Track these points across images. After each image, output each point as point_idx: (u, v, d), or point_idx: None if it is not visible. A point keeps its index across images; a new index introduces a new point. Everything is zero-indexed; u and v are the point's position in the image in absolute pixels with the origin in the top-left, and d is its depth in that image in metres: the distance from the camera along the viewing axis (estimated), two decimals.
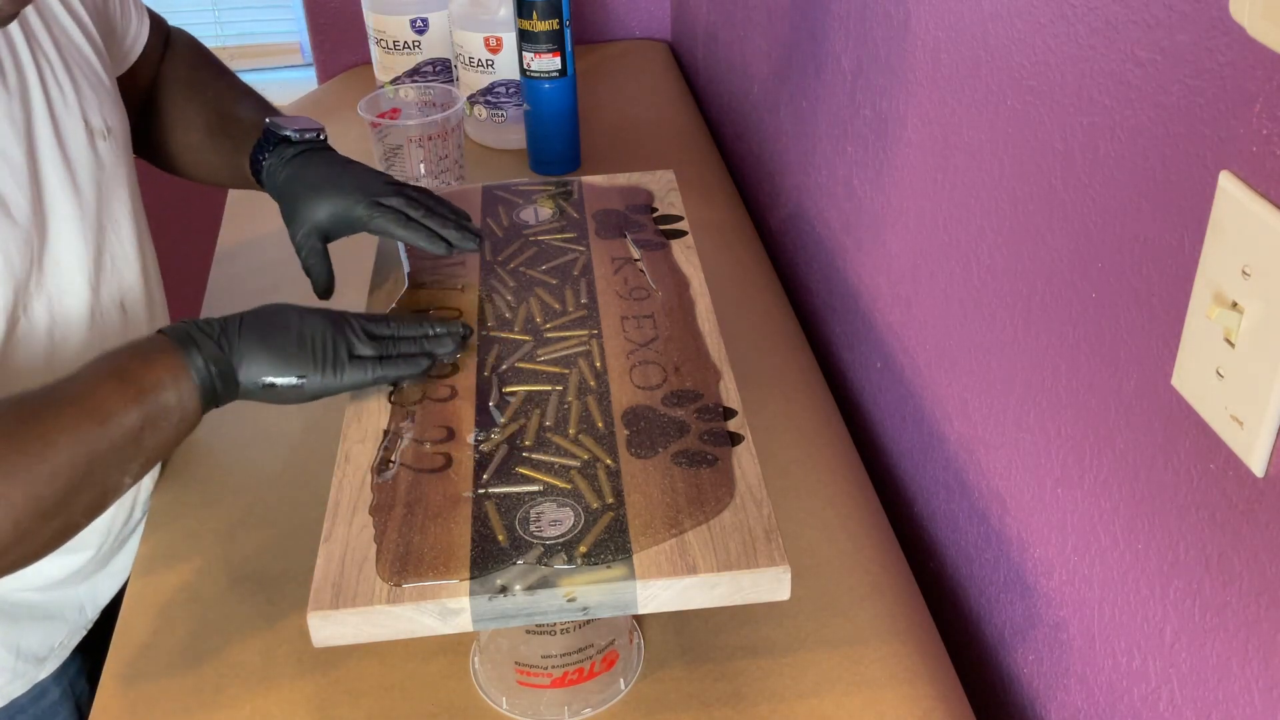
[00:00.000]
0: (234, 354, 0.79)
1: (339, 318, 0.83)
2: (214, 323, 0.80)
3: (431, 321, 0.86)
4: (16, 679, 0.97)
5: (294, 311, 0.83)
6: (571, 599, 0.67)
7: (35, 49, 0.89)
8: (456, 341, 0.85)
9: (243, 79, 1.14)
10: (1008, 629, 0.87)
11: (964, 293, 0.87)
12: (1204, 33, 0.55)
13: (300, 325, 0.81)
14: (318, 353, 0.80)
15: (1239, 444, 0.55)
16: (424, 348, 0.84)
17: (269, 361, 0.79)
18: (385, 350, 0.82)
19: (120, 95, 1.00)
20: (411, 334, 0.84)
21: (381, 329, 0.84)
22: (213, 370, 0.78)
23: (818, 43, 1.16)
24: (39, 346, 0.89)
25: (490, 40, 1.48)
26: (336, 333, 0.81)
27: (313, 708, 0.82)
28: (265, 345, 0.80)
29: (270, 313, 0.82)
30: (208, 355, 0.78)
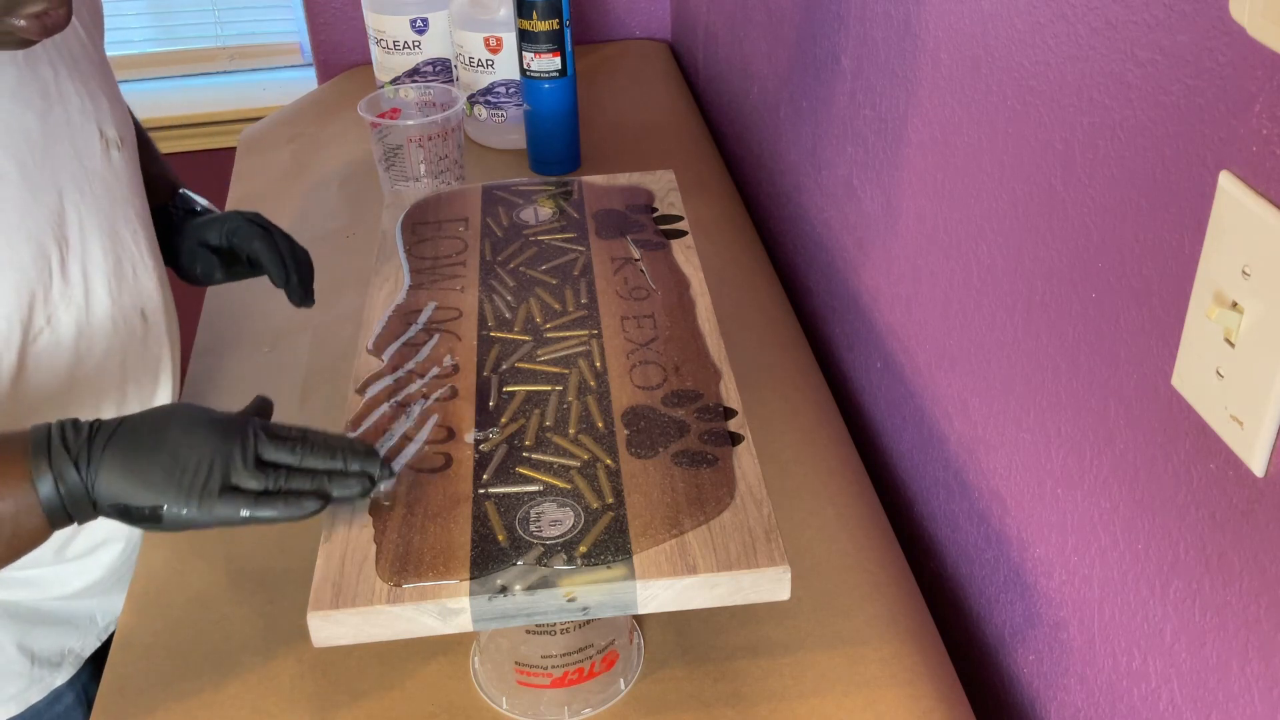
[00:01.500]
0: (91, 470, 0.69)
1: (234, 435, 0.71)
2: (85, 428, 0.70)
3: (352, 452, 0.73)
4: (33, 685, 0.98)
5: (183, 423, 0.71)
6: (571, 599, 0.67)
7: (53, 57, 0.89)
8: (364, 485, 0.72)
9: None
10: (1008, 629, 0.87)
11: (964, 293, 0.87)
12: (1204, 33, 0.55)
13: (179, 443, 0.70)
14: (185, 480, 0.69)
15: (1239, 444, 0.55)
16: (321, 486, 0.71)
17: (127, 483, 0.69)
18: (271, 483, 0.70)
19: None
20: (316, 466, 0.72)
21: (282, 454, 0.71)
22: (61, 490, 0.68)
23: (818, 43, 1.16)
24: (64, 357, 0.90)
25: (490, 40, 1.48)
26: (218, 456, 0.70)
27: (313, 708, 0.82)
28: (128, 465, 0.69)
29: (155, 421, 0.72)
30: (59, 470, 0.68)
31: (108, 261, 0.92)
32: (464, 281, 0.95)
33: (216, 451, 0.70)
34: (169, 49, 2.32)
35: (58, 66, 0.89)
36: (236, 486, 0.69)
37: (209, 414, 0.73)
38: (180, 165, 2.24)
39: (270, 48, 2.34)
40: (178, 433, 0.70)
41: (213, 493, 0.69)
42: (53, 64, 0.88)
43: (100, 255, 0.91)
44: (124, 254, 0.94)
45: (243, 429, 0.71)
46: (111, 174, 0.93)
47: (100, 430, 0.70)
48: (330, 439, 0.73)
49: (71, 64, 0.91)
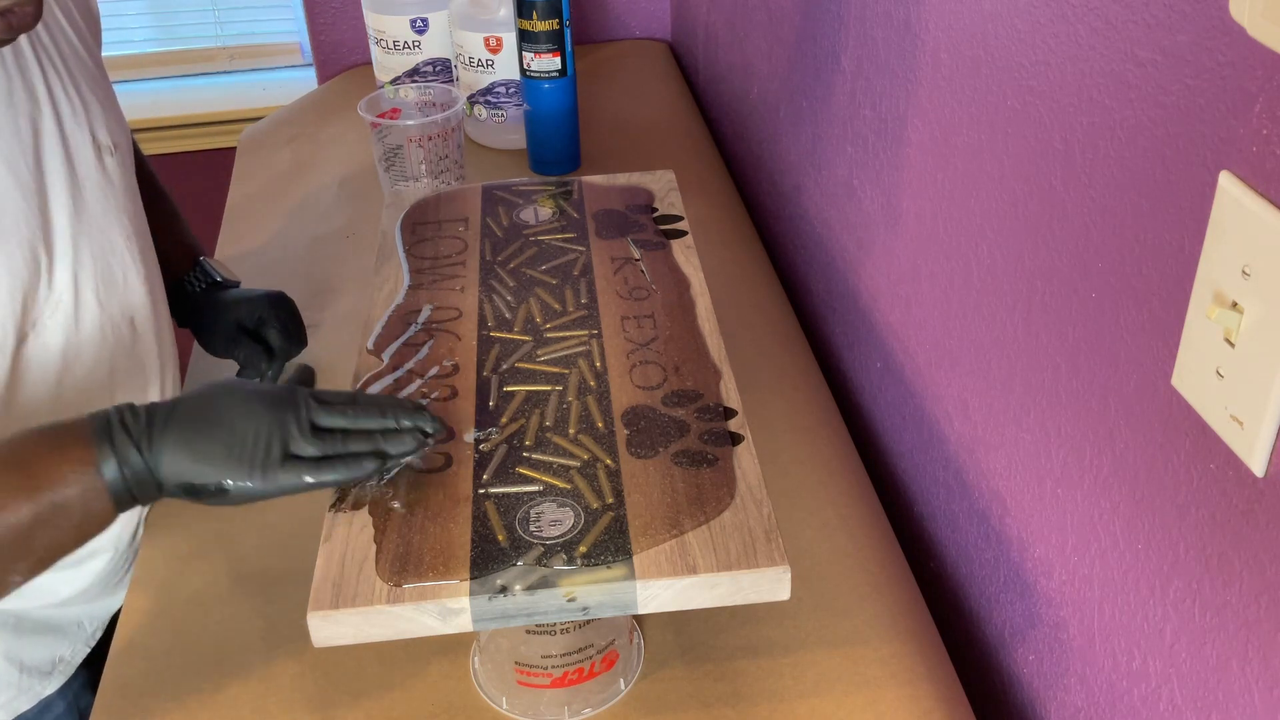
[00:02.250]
0: (154, 453, 0.70)
1: (286, 405, 0.73)
2: (143, 413, 0.71)
3: (401, 409, 0.75)
4: (22, 694, 0.97)
5: (235, 399, 0.73)
6: (571, 599, 0.67)
7: (44, 62, 0.88)
8: (418, 441, 0.74)
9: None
10: (1008, 629, 0.87)
11: (964, 293, 0.87)
12: (1204, 33, 0.55)
13: (235, 418, 0.71)
14: (246, 454, 0.70)
15: (1239, 444, 0.55)
16: (377, 445, 0.73)
17: (190, 463, 0.70)
18: (330, 448, 0.72)
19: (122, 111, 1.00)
20: (367, 426, 0.74)
21: (334, 418, 0.73)
22: (126, 473, 0.69)
23: (818, 43, 1.16)
24: (51, 364, 0.89)
25: (490, 40, 1.48)
26: (275, 428, 0.71)
27: (313, 708, 0.82)
28: (189, 444, 0.70)
29: (208, 400, 0.73)
30: (122, 455, 0.69)
31: (97, 268, 0.91)
32: (464, 281, 0.95)
33: (273, 423, 0.71)
34: (169, 49, 2.33)
35: (49, 72, 0.88)
36: (296, 455, 0.71)
37: (258, 387, 0.75)
38: (180, 165, 2.25)
39: (270, 48, 2.34)
40: (232, 408, 0.72)
41: (274, 463, 0.70)
42: (44, 69, 0.88)
43: (90, 262, 0.90)
44: (115, 261, 0.93)
45: (294, 398, 0.73)
46: (105, 180, 0.92)
47: (158, 412, 0.71)
48: (379, 400, 0.76)
49: (64, 69, 0.90)
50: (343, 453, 0.72)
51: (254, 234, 1.41)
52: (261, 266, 1.34)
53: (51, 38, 0.90)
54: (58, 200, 0.88)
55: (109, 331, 0.93)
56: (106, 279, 0.92)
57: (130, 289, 0.95)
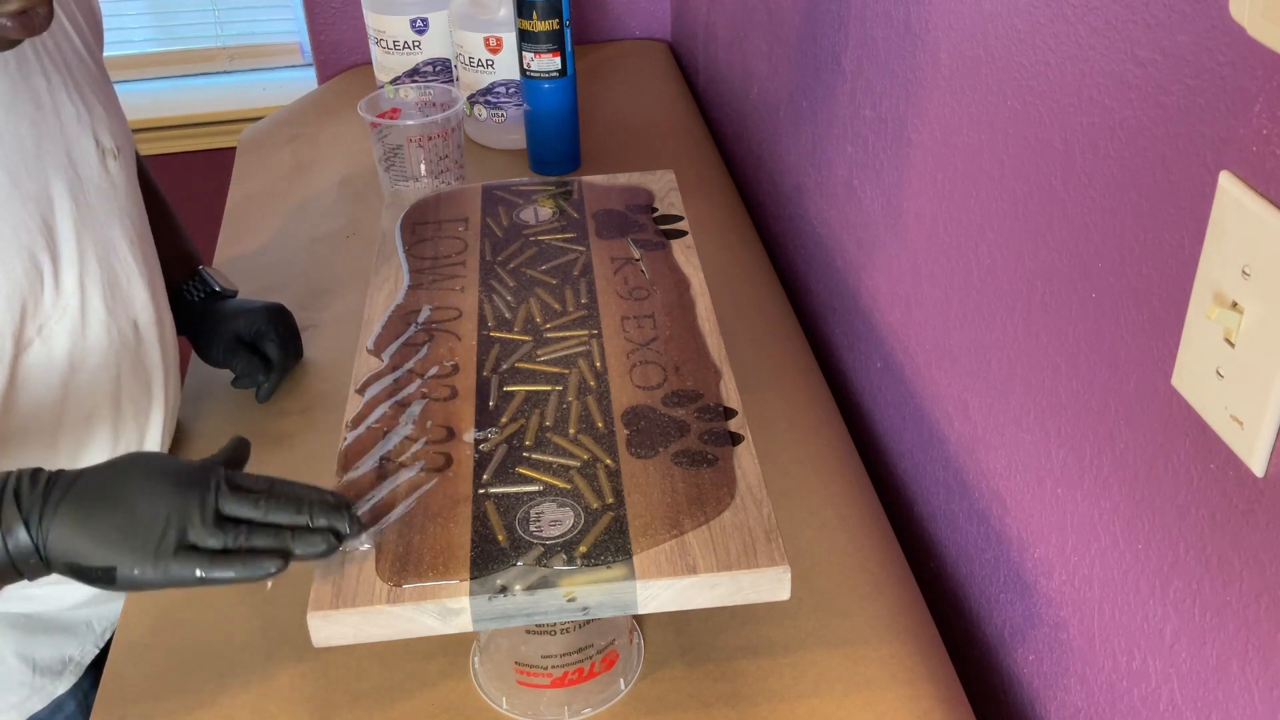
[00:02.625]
0: (44, 528, 0.66)
1: (193, 488, 0.68)
2: (42, 481, 0.67)
3: (319, 506, 0.70)
4: (35, 694, 0.98)
5: (142, 477, 0.68)
6: (571, 599, 0.67)
7: (47, 65, 0.88)
8: (329, 543, 0.68)
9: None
10: (1008, 629, 0.87)
11: (964, 293, 0.87)
12: (1204, 33, 0.55)
13: (136, 498, 0.67)
14: (140, 539, 0.66)
15: (1239, 444, 0.55)
16: (284, 543, 0.68)
17: (80, 541, 0.66)
18: (231, 540, 0.67)
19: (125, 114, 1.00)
20: (280, 520, 0.69)
21: (244, 508, 0.68)
22: (9, 547, 0.65)
23: (818, 43, 1.16)
24: (57, 369, 0.89)
25: (490, 40, 1.48)
26: (175, 512, 0.67)
27: (313, 708, 0.82)
28: (81, 522, 0.66)
29: (113, 475, 0.69)
30: (8, 527, 0.65)
31: (102, 272, 0.91)
32: (464, 281, 0.95)
33: (174, 507, 0.67)
34: (169, 49, 2.33)
35: (51, 75, 0.88)
36: (194, 545, 0.66)
37: (171, 464, 0.70)
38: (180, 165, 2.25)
39: (270, 48, 2.34)
40: (136, 486, 0.67)
41: (167, 552, 0.65)
42: (46, 73, 0.88)
43: (95, 266, 0.90)
44: (119, 265, 0.93)
45: (204, 481, 0.68)
46: (108, 183, 0.92)
47: (58, 483, 0.67)
48: (299, 491, 0.70)
49: (66, 73, 0.90)
50: (245, 546, 0.67)
51: (254, 234, 1.41)
52: (261, 266, 1.34)
53: (54, 41, 0.90)
54: (61, 206, 0.87)
55: (114, 336, 0.93)
56: (111, 283, 0.92)
57: (134, 293, 0.95)
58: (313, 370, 1.15)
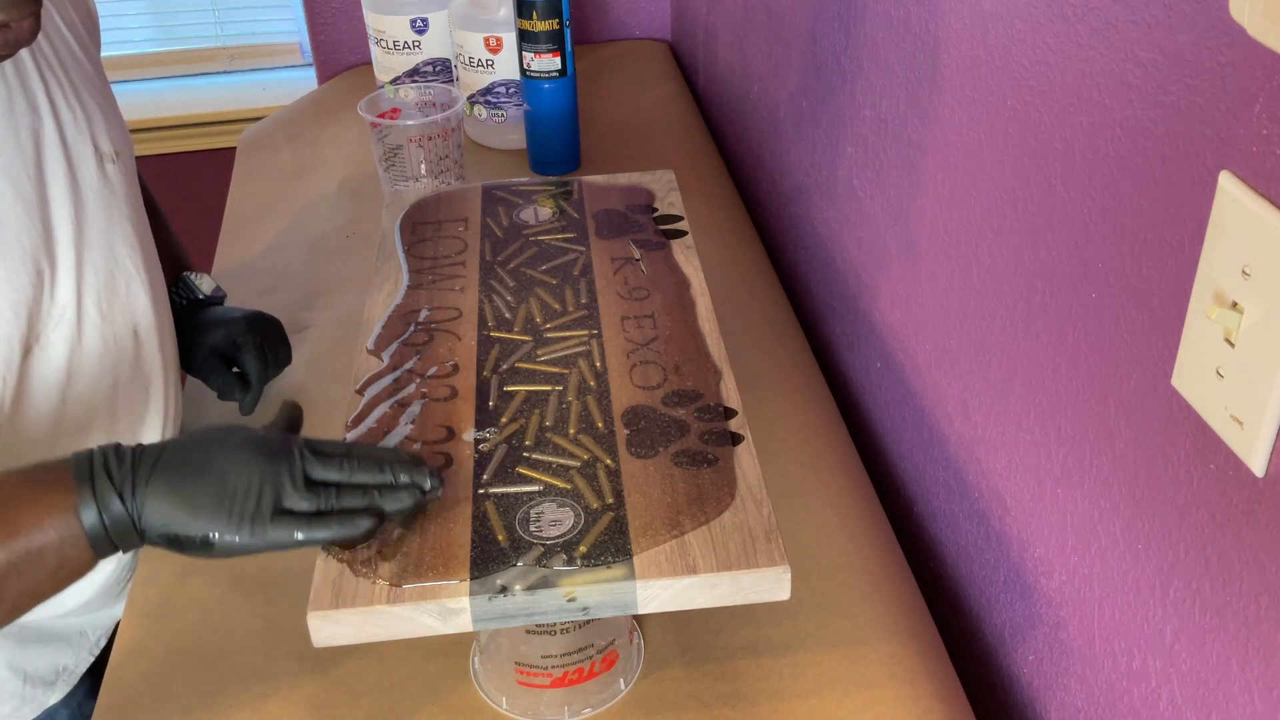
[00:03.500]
0: (137, 500, 0.67)
1: (280, 456, 0.69)
2: (128, 455, 0.68)
3: (399, 463, 0.71)
4: (25, 704, 0.97)
5: (227, 447, 0.69)
6: (571, 599, 0.67)
7: (45, 70, 0.88)
8: (415, 497, 0.70)
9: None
10: (1008, 629, 0.87)
11: (964, 293, 0.87)
12: (1204, 33, 0.55)
13: (225, 468, 0.68)
14: (235, 506, 0.67)
15: (1239, 444, 0.55)
16: (373, 501, 0.69)
17: (176, 512, 0.67)
18: (324, 502, 0.68)
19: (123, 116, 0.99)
20: (364, 480, 0.70)
21: (329, 471, 0.70)
22: (105, 520, 0.66)
23: (818, 43, 1.16)
24: (54, 378, 0.88)
25: (490, 40, 1.48)
26: (267, 479, 0.68)
27: (313, 708, 0.82)
28: (175, 492, 0.67)
29: (198, 446, 0.69)
30: (104, 501, 0.66)
31: (99, 279, 0.90)
32: (464, 281, 0.95)
33: (265, 474, 0.68)
34: (169, 49, 2.33)
35: (49, 80, 0.87)
36: (288, 509, 0.68)
37: (253, 434, 0.71)
38: (180, 165, 2.25)
39: (270, 48, 2.34)
40: (223, 456, 0.68)
41: (265, 517, 0.67)
42: (44, 78, 0.87)
43: (92, 272, 0.89)
44: (118, 271, 0.92)
45: (288, 449, 0.70)
46: (107, 188, 0.91)
47: (144, 456, 0.68)
48: (376, 452, 0.72)
49: (64, 76, 0.89)
50: (337, 508, 0.69)
51: (254, 234, 1.41)
52: (261, 266, 1.34)
53: (51, 45, 0.89)
54: (60, 211, 0.87)
55: (112, 343, 0.92)
56: (109, 289, 0.91)
57: (133, 298, 0.94)
58: (313, 370, 1.15)
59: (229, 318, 1.07)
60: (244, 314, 1.08)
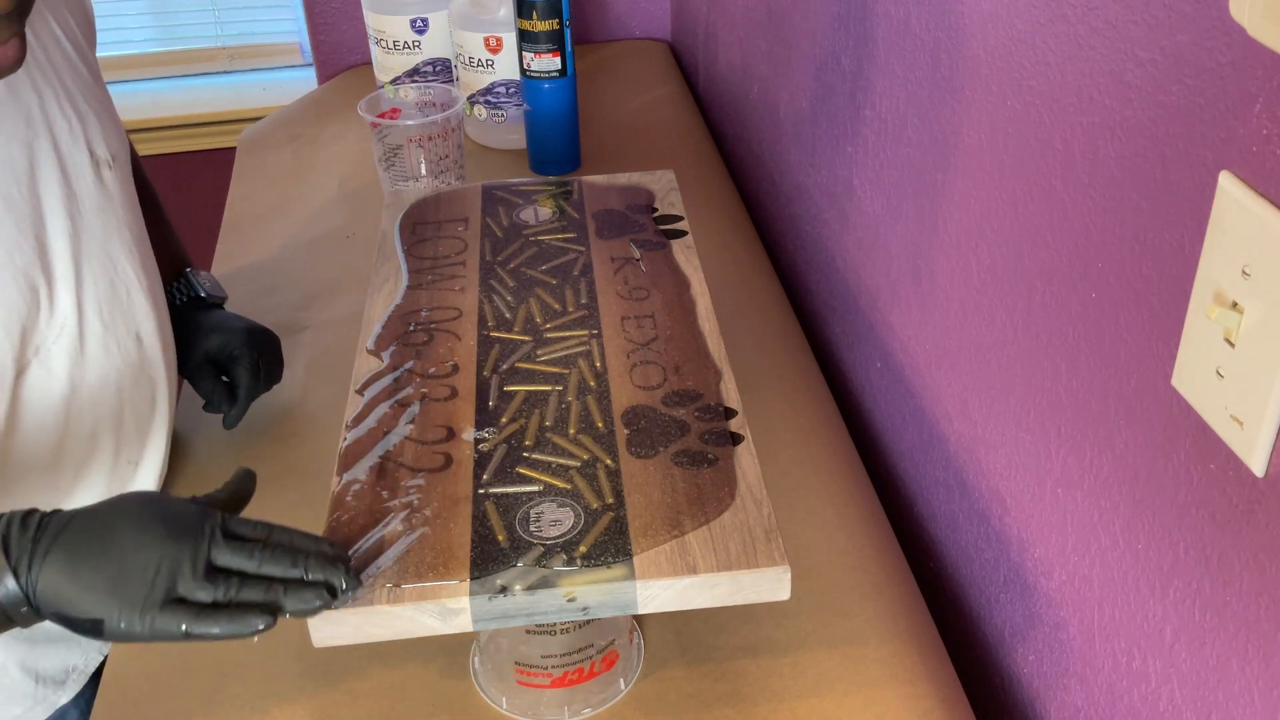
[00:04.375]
0: (33, 576, 0.64)
1: (187, 538, 0.65)
2: (33, 526, 0.65)
3: (316, 559, 0.67)
4: (38, 704, 0.97)
5: (136, 522, 0.66)
6: (571, 599, 0.67)
7: (38, 79, 0.86)
8: (323, 599, 0.66)
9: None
10: (1008, 629, 0.87)
11: (964, 293, 0.87)
12: (1204, 33, 0.55)
13: (126, 546, 0.65)
14: (129, 590, 0.63)
15: (1239, 444, 0.55)
16: (276, 598, 0.65)
17: (67, 590, 0.64)
18: (221, 593, 0.65)
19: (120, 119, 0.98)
20: (274, 572, 0.66)
21: (237, 558, 0.66)
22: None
23: (818, 43, 1.16)
24: (57, 388, 0.88)
25: (490, 40, 1.48)
26: (165, 563, 0.64)
27: (313, 708, 0.82)
28: (70, 569, 0.64)
29: (106, 520, 0.66)
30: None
31: (100, 287, 0.89)
32: (464, 281, 0.95)
33: (166, 556, 0.64)
34: (169, 49, 2.32)
35: (42, 89, 0.86)
36: (182, 598, 0.64)
37: (166, 509, 0.67)
38: (180, 165, 2.25)
39: (270, 48, 2.34)
40: (128, 533, 0.65)
41: (155, 605, 0.63)
42: (36, 86, 0.86)
43: (92, 281, 0.88)
44: (117, 278, 0.91)
45: (198, 529, 0.66)
46: (104, 195, 0.90)
47: (48, 528, 0.65)
48: (296, 541, 0.68)
49: (57, 82, 0.88)
50: (235, 600, 0.65)
51: (254, 234, 1.41)
52: (261, 266, 1.34)
53: (46, 52, 0.88)
54: (55, 224, 0.86)
55: (115, 350, 0.91)
56: (110, 297, 0.90)
57: (134, 304, 0.93)
58: (313, 370, 1.15)
59: (229, 326, 1.06)
60: (244, 325, 1.06)
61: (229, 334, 1.05)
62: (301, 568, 0.66)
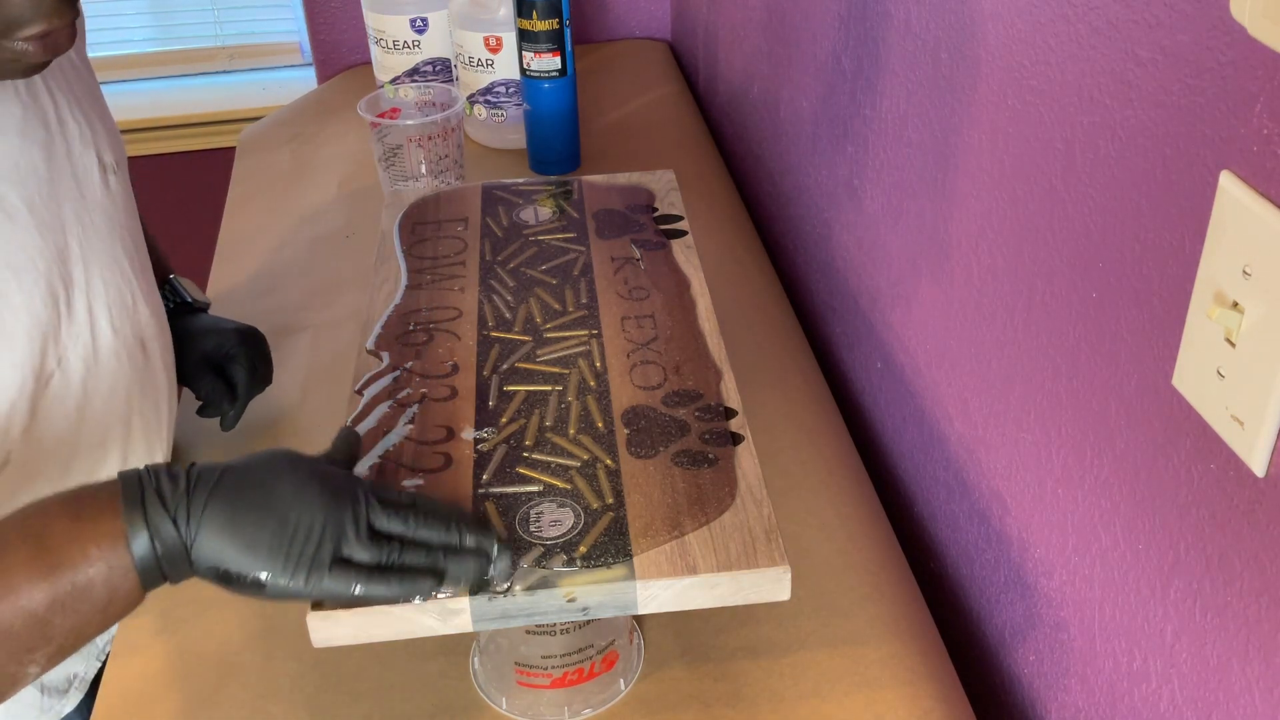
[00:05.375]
0: (191, 528, 0.62)
1: (345, 499, 0.65)
2: (176, 479, 0.63)
3: (467, 524, 0.67)
4: (44, 714, 0.97)
5: (291, 481, 0.65)
6: (571, 599, 0.67)
7: (52, 86, 0.86)
8: (482, 568, 0.66)
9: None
10: (1008, 629, 0.87)
11: (964, 293, 0.87)
12: (1204, 33, 0.55)
13: (288, 504, 0.63)
14: (294, 549, 0.62)
15: (1239, 444, 0.55)
16: (436, 563, 0.65)
17: (229, 547, 0.62)
18: (386, 556, 0.64)
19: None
20: (430, 538, 0.66)
21: (394, 523, 0.65)
22: (157, 547, 0.61)
23: (818, 43, 1.16)
24: (72, 398, 0.86)
25: (490, 40, 1.48)
26: (330, 524, 0.63)
27: (313, 708, 0.82)
28: (232, 525, 0.62)
29: (260, 477, 0.65)
30: (156, 528, 0.61)
31: (110, 293, 0.88)
32: (464, 281, 0.95)
33: (329, 518, 0.63)
34: (169, 49, 2.32)
35: (57, 96, 0.86)
36: (348, 559, 0.64)
37: (317, 470, 0.66)
38: (180, 165, 2.25)
39: (270, 47, 2.34)
40: (287, 492, 0.64)
41: (323, 565, 0.62)
42: (52, 93, 0.85)
43: (103, 288, 0.88)
44: (124, 285, 0.91)
45: (354, 492, 0.65)
46: (110, 202, 0.89)
47: (200, 482, 0.63)
48: (442, 508, 0.68)
49: (68, 90, 0.87)
50: (398, 564, 0.64)
51: (254, 234, 1.41)
52: (261, 266, 1.34)
53: (57, 60, 0.87)
54: (71, 231, 0.85)
55: (124, 358, 0.90)
56: (119, 304, 0.90)
57: (139, 311, 0.93)
58: (313, 370, 1.15)
59: (221, 328, 1.06)
60: (235, 326, 1.06)
61: (222, 335, 1.05)
62: (456, 533, 0.66)
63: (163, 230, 1.16)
